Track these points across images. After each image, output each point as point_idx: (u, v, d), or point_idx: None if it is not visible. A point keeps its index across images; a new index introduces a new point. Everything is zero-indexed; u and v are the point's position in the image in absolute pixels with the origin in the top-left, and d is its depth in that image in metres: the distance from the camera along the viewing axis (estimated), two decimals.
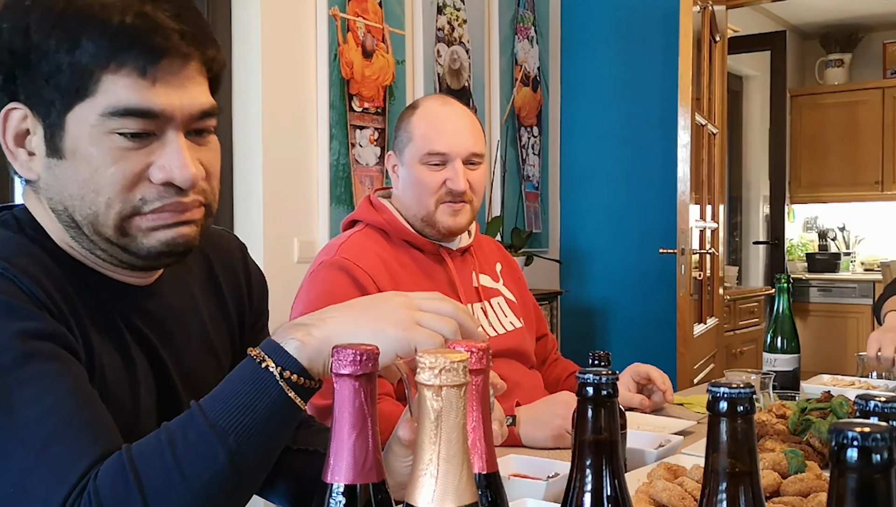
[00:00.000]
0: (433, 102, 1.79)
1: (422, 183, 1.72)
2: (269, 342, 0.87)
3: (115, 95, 0.89)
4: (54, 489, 0.81)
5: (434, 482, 0.55)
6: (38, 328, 0.87)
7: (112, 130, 0.89)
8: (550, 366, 1.99)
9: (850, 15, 6.37)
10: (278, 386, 0.84)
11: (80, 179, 0.91)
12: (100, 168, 0.90)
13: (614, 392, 0.65)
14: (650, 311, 4.23)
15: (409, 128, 1.75)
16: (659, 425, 1.60)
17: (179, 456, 0.81)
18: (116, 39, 0.88)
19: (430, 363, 0.55)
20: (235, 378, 0.86)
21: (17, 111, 0.93)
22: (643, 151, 4.27)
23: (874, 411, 0.57)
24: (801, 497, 1.08)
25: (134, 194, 0.92)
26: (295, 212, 3.07)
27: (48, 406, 0.84)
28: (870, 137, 6.38)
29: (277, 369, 0.84)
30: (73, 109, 0.90)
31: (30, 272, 0.90)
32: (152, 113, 0.90)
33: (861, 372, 1.98)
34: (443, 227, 1.73)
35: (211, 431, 0.82)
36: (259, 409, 0.83)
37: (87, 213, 0.92)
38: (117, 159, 0.90)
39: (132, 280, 1.02)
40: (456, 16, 3.73)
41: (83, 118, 0.90)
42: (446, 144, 1.71)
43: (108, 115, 0.89)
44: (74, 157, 0.91)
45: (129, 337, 1.00)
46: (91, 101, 0.89)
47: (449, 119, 1.73)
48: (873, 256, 6.76)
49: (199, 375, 1.09)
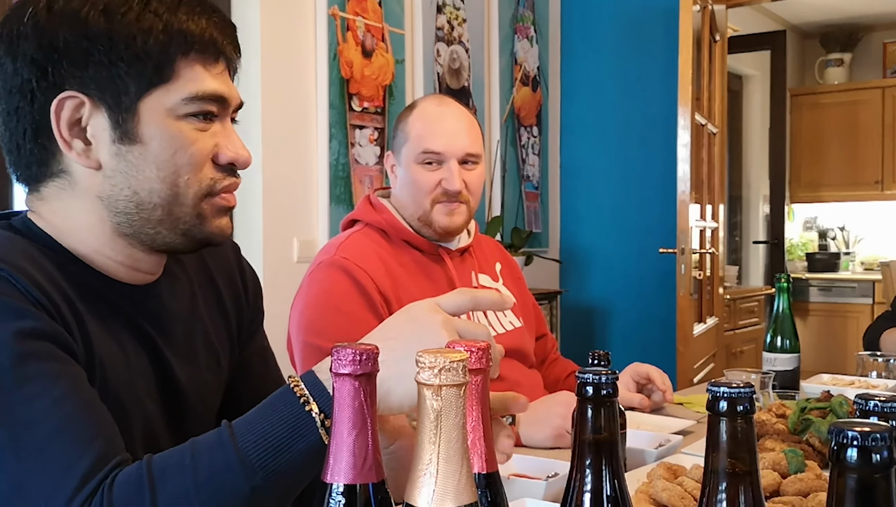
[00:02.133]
0: (430, 102, 1.79)
1: (417, 183, 1.72)
2: (315, 382, 0.84)
3: (194, 80, 0.95)
4: (53, 490, 0.80)
5: (434, 481, 0.55)
6: (35, 328, 0.86)
7: (188, 113, 0.95)
8: (550, 366, 1.99)
9: (850, 15, 6.37)
10: (317, 432, 0.82)
11: (160, 161, 0.95)
12: (179, 150, 0.95)
13: (614, 392, 0.65)
14: (650, 310, 4.23)
15: (406, 128, 1.75)
16: (659, 424, 1.60)
17: (201, 481, 0.80)
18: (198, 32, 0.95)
19: (429, 363, 0.55)
20: (273, 412, 0.84)
21: (72, 100, 0.93)
22: (643, 150, 4.27)
23: (874, 411, 0.57)
24: (800, 497, 1.08)
25: (205, 174, 0.97)
26: (295, 212, 3.07)
27: (46, 407, 0.83)
28: (870, 136, 6.38)
29: (320, 415, 0.82)
30: (150, 94, 0.93)
31: (27, 272, 0.90)
32: (222, 98, 0.97)
33: (861, 372, 1.98)
34: (439, 227, 1.73)
35: (240, 463, 0.81)
36: (293, 450, 0.82)
37: (168, 194, 0.96)
38: (194, 141, 0.96)
39: (138, 279, 1.02)
40: (455, 15, 3.73)
41: (160, 102, 0.94)
42: (442, 143, 1.71)
43: (189, 99, 0.94)
44: (152, 141, 0.94)
45: (131, 336, 1.00)
46: (169, 86, 0.94)
47: (445, 119, 1.73)
48: (873, 255, 6.76)
49: (200, 374, 1.09)
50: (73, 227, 0.98)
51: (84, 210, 0.97)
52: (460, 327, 0.87)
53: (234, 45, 1.00)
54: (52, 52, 0.92)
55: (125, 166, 0.95)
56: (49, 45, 0.92)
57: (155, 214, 0.96)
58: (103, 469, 0.82)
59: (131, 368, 0.99)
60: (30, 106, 0.94)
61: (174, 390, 1.05)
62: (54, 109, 0.93)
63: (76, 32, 0.91)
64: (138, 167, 0.95)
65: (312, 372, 0.85)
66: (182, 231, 0.98)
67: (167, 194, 0.96)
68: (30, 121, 0.95)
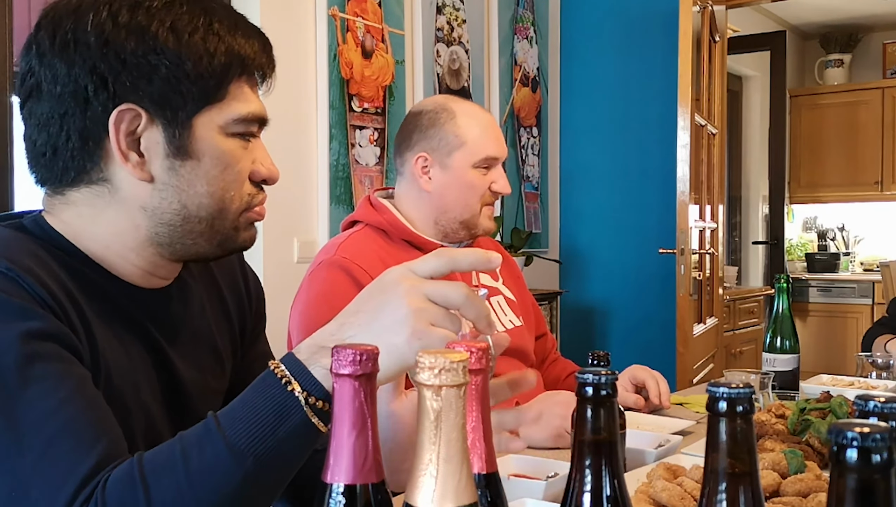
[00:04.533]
0: (474, 108, 1.82)
1: (473, 187, 1.77)
2: (294, 362, 0.84)
3: (244, 102, 1.00)
4: (55, 492, 0.80)
5: (434, 482, 0.55)
6: (41, 329, 0.86)
7: (235, 132, 0.99)
8: (550, 366, 2.00)
9: (850, 15, 6.37)
10: (302, 411, 0.82)
11: (210, 177, 0.98)
12: (228, 167, 0.99)
13: (614, 392, 0.65)
14: (650, 311, 4.23)
15: (458, 131, 1.75)
16: (658, 425, 1.60)
17: (193, 474, 0.80)
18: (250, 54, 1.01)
19: (429, 363, 0.55)
20: (257, 396, 0.84)
21: (130, 112, 0.94)
22: (643, 151, 4.28)
23: (873, 412, 0.57)
24: (800, 497, 1.08)
25: (245, 190, 1.02)
26: (295, 212, 3.07)
27: (50, 408, 0.83)
28: (869, 137, 6.38)
29: (303, 394, 0.82)
30: (203, 112, 0.96)
31: (34, 272, 0.90)
32: (263, 120, 1.04)
33: (860, 372, 1.98)
34: (483, 230, 1.81)
35: (229, 451, 0.81)
36: (280, 432, 0.81)
37: (215, 208, 0.99)
38: (239, 159, 1.00)
39: (150, 284, 1.03)
40: (455, 16, 3.73)
41: (213, 120, 0.97)
42: (500, 149, 1.79)
43: (240, 119, 0.99)
44: (204, 156, 0.97)
45: (137, 340, 1.01)
46: (221, 105, 0.98)
47: (494, 125, 1.82)
48: (873, 256, 6.76)
49: (205, 378, 1.09)
50: (99, 232, 0.98)
51: (119, 217, 0.98)
52: (430, 290, 0.84)
53: (273, 67, 1.07)
54: (117, 63, 0.92)
55: (177, 180, 0.97)
56: (115, 56, 0.92)
57: (199, 227, 0.99)
58: (104, 471, 0.82)
59: (136, 370, 0.99)
60: (82, 114, 0.94)
61: (178, 393, 1.05)
62: (114, 120, 0.93)
63: (145, 47, 0.92)
64: (190, 182, 0.97)
65: (291, 353, 0.85)
66: (218, 242, 1.02)
67: (214, 209, 0.99)
68: (79, 128, 0.94)
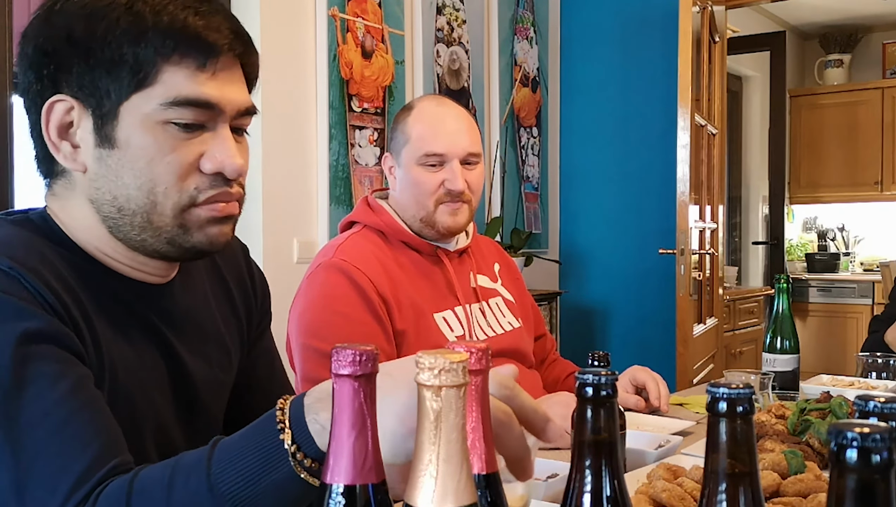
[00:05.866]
0: (429, 103, 1.78)
1: (420, 184, 1.72)
2: (298, 407, 0.78)
3: (175, 85, 0.92)
4: (49, 492, 0.80)
5: (433, 482, 0.55)
6: (38, 330, 0.86)
7: (168, 119, 0.92)
8: (549, 366, 1.99)
9: (850, 15, 6.37)
10: (288, 464, 0.76)
11: (136, 168, 0.93)
12: (156, 158, 0.92)
13: (613, 393, 0.65)
14: (650, 311, 4.23)
15: (406, 129, 1.74)
16: (658, 425, 1.60)
17: (173, 503, 0.78)
18: (182, 33, 0.92)
19: (429, 364, 0.55)
20: (252, 435, 0.80)
21: (62, 103, 0.94)
22: (643, 151, 4.28)
23: (873, 412, 0.57)
24: (800, 498, 1.08)
25: (188, 184, 0.94)
26: (294, 212, 3.07)
27: (45, 409, 0.83)
28: (869, 137, 6.38)
29: (293, 446, 0.76)
30: (130, 99, 0.92)
31: (36, 270, 0.90)
32: (208, 104, 0.93)
33: (861, 372, 1.98)
34: (442, 227, 1.73)
35: (209, 491, 0.77)
36: (264, 482, 0.77)
37: (144, 202, 0.94)
38: (173, 149, 0.93)
39: (151, 279, 1.02)
40: (455, 16, 3.73)
41: (139, 108, 0.92)
42: (443, 144, 1.70)
43: (168, 104, 0.92)
44: (129, 146, 0.93)
45: (143, 335, 1.00)
46: (149, 91, 0.92)
47: (446, 120, 1.73)
48: (873, 256, 6.76)
49: (212, 372, 1.09)
50: (79, 226, 0.98)
51: (84, 211, 0.98)
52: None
53: (234, 43, 0.95)
54: (43, 56, 0.93)
55: (105, 171, 0.94)
56: (41, 49, 0.94)
57: (136, 221, 0.95)
58: (99, 472, 0.82)
59: (143, 366, 0.99)
60: (34, 106, 0.96)
61: (186, 387, 1.05)
62: (45, 111, 0.94)
63: (62, 37, 0.92)
64: (117, 173, 0.94)
65: (302, 395, 0.80)
66: (166, 239, 0.96)
67: (144, 203, 0.94)
68: (33, 121, 0.96)
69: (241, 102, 0.98)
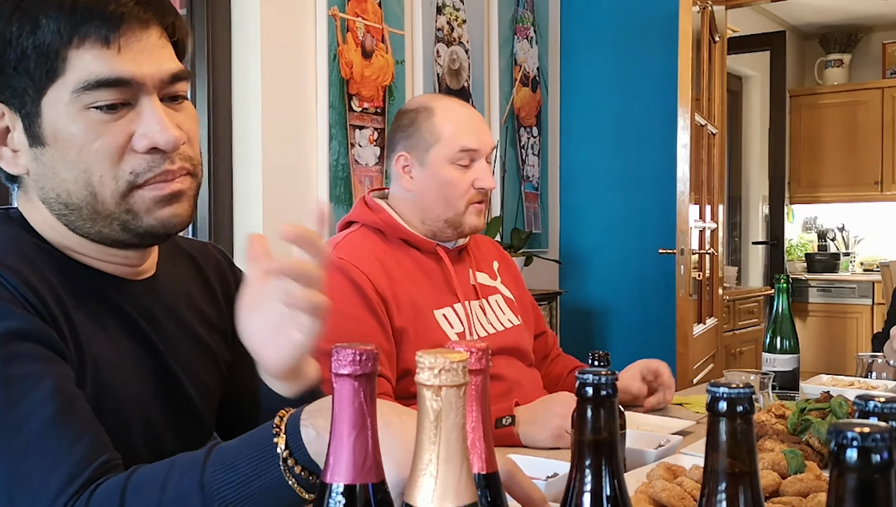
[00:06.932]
0: (452, 103, 1.81)
1: (452, 184, 1.73)
2: (296, 416, 0.79)
3: (83, 69, 0.88)
4: (38, 492, 0.80)
5: (433, 482, 0.55)
6: (20, 329, 0.86)
7: (87, 105, 0.89)
8: (552, 362, 1.99)
9: (850, 15, 6.37)
10: (278, 470, 0.77)
11: (68, 161, 0.91)
12: (84, 146, 0.90)
13: (613, 392, 0.65)
14: (649, 311, 4.23)
15: (434, 129, 1.73)
16: (658, 425, 1.60)
17: (164, 503, 0.79)
18: (75, 13, 0.88)
19: (429, 364, 0.55)
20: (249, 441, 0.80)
21: None
22: (643, 151, 4.27)
23: (873, 412, 0.57)
24: (800, 497, 1.08)
25: (123, 168, 0.91)
26: (295, 212, 3.07)
27: (30, 409, 0.83)
28: (869, 137, 6.38)
29: (285, 451, 0.77)
30: (47, 93, 0.90)
31: (15, 269, 0.89)
32: (123, 81, 0.89)
33: (861, 372, 1.98)
34: (469, 228, 1.76)
35: (200, 490, 0.78)
36: (253, 487, 0.77)
37: (84, 194, 0.92)
38: (99, 134, 0.90)
39: (126, 272, 1.02)
40: (455, 16, 3.73)
41: (57, 100, 0.90)
42: (477, 141, 1.74)
43: (81, 90, 0.88)
44: (57, 141, 0.91)
45: (124, 330, 1.00)
46: (62, 80, 0.89)
47: (472, 118, 1.78)
48: (873, 256, 6.76)
49: (196, 372, 1.08)
50: (44, 227, 0.98)
51: (42, 212, 0.97)
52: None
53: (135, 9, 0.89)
54: None
55: (44, 169, 0.93)
56: None
57: (84, 214, 0.93)
58: (87, 469, 0.82)
59: (126, 362, 0.99)
60: None
61: (171, 383, 1.04)
62: None
63: None
64: (54, 169, 0.92)
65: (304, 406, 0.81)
66: (119, 227, 0.94)
67: (84, 195, 0.92)
68: None
69: (163, 70, 0.92)
